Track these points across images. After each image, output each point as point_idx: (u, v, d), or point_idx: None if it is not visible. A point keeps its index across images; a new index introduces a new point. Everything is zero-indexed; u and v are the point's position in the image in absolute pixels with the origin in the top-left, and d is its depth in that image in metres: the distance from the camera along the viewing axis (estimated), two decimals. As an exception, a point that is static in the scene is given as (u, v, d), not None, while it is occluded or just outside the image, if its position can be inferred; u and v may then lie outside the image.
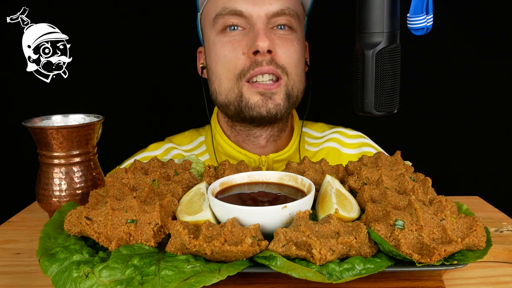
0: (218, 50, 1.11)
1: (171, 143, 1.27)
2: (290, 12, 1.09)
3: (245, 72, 1.08)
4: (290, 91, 1.11)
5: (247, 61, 1.08)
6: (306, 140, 1.29)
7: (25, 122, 0.81)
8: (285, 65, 1.09)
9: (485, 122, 1.71)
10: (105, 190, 0.79)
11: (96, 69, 1.65)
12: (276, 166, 1.18)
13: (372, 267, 0.61)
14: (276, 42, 1.08)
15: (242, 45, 1.08)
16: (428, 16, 0.75)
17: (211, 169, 0.92)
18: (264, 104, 1.09)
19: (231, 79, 1.10)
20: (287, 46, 1.10)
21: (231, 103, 1.12)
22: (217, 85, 1.13)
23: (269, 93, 1.08)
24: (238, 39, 1.09)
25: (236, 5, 1.07)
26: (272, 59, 1.07)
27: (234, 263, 0.61)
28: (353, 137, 1.29)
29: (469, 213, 0.77)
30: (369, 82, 0.79)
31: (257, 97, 1.09)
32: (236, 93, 1.10)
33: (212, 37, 1.12)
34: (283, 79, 1.10)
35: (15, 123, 1.07)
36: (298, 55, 1.12)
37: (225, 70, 1.10)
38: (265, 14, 1.07)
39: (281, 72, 1.09)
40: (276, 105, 1.09)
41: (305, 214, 0.67)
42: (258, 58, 1.07)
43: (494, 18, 1.63)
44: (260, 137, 1.18)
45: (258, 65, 1.07)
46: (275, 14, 1.08)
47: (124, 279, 0.58)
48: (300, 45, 1.13)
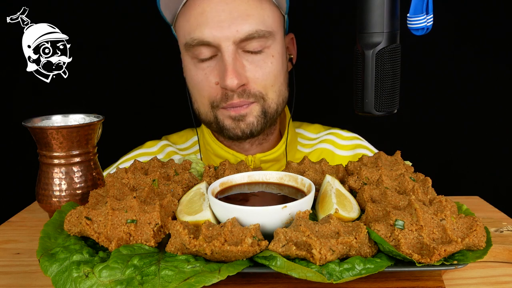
0: (193, 76, 1.12)
1: (166, 141, 1.29)
2: (260, 34, 1.04)
3: (217, 103, 1.09)
4: (267, 109, 1.11)
5: (219, 91, 1.08)
6: (299, 141, 1.29)
7: (25, 122, 0.81)
8: (260, 90, 1.08)
9: (485, 122, 1.71)
10: (105, 190, 0.79)
11: (96, 69, 1.65)
12: (263, 166, 1.18)
13: (372, 267, 0.61)
14: (247, 69, 1.06)
15: (214, 74, 1.07)
16: (428, 16, 0.75)
17: (211, 169, 0.92)
18: (237, 126, 1.10)
19: (207, 105, 1.12)
20: (261, 70, 1.07)
21: (210, 123, 1.14)
22: (196, 106, 1.16)
23: (239, 116, 1.09)
24: (211, 68, 1.08)
25: (203, 36, 1.03)
26: (244, 91, 1.07)
27: (234, 263, 0.61)
28: (347, 139, 1.28)
29: (469, 213, 0.77)
30: (369, 82, 0.79)
31: (229, 121, 1.10)
32: (212, 117, 1.12)
33: (187, 60, 1.13)
34: (257, 103, 1.09)
35: (15, 123, 1.07)
36: (274, 73, 1.09)
37: (200, 97, 1.12)
38: (232, 42, 1.03)
39: (254, 99, 1.08)
40: (248, 124, 1.10)
41: (305, 214, 0.67)
42: (229, 93, 1.06)
43: (494, 18, 1.63)
44: (245, 143, 1.18)
45: (229, 99, 1.07)
46: (244, 39, 1.04)
47: (124, 279, 0.58)
48: (275, 60, 1.09)
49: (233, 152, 1.18)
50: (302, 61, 1.29)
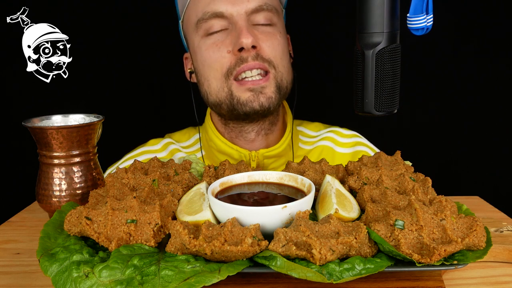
0: (203, 52, 1.12)
1: (170, 139, 1.29)
2: (269, 8, 1.11)
3: (231, 69, 1.09)
4: (280, 82, 1.13)
5: (232, 58, 1.09)
6: (300, 138, 1.30)
7: (25, 122, 0.81)
8: (271, 58, 1.11)
9: (485, 122, 1.71)
10: (105, 190, 0.79)
11: (96, 69, 1.65)
12: (266, 162, 1.19)
13: (372, 267, 0.61)
14: (259, 37, 1.10)
15: (226, 44, 1.10)
16: (428, 16, 0.75)
17: (211, 169, 0.92)
18: (256, 99, 1.10)
19: (219, 79, 1.11)
20: (270, 40, 1.11)
21: (222, 102, 1.13)
22: (207, 86, 1.15)
23: (259, 87, 1.10)
24: (221, 39, 1.10)
25: (216, 7, 1.09)
26: (258, 54, 1.09)
27: (234, 263, 0.61)
28: (348, 137, 1.29)
29: (469, 213, 0.77)
30: (369, 82, 0.79)
31: (248, 94, 1.10)
32: (226, 92, 1.11)
33: (197, 41, 1.14)
34: (271, 72, 1.11)
35: (15, 123, 1.07)
36: (282, 48, 1.14)
37: (212, 71, 1.12)
38: (244, 11, 1.09)
39: (268, 65, 1.10)
40: (268, 98, 1.10)
41: (305, 214, 0.67)
42: (243, 55, 1.08)
43: (494, 18, 1.63)
44: (252, 132, 1.18)
45: (244, 62, 1.08)
46: (254, 11, 1.10)
47: (124, 279, 0.58)
48: (282, 38, 1.15)
49: (237, 147, 1.18)
50: (302, 60, 1.29)
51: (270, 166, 1.19)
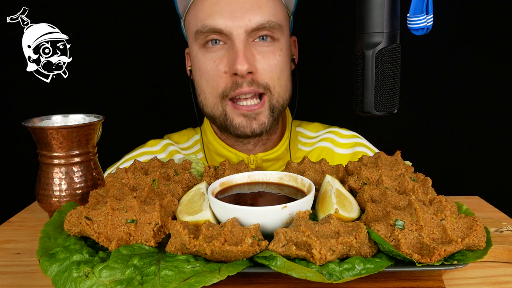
0: (201, 65, 1.11)
1: (169, 140, 1.29)
2: (271, 25, 1.08)
3: (227, 92, 1.09)
4: (275, 104, 1.12)
5: (228, 80, 1.08)
6: (300, 139, 1.29)
7: (25, 122, 0.81)
8: (267, 81, 1.09)
9: (485, 122, 1.71)
10: (105, 190, 0.79)
11: (96, 69, 1.65)
12: (265, 165, 1.19)
13: (372, 267, 0.61)
14: (256, 58, 1.08)
15: (223, 63, 1.08)
16: (428, 16, 0.75)
17: (211, 169, 0.92)
18: (248, 125, 1.10)
19: (215, 96, 1.11)
20: (268, 61, 1.09)
21: (216, 118, 1.13)
22: (203, 98, 1.14)
23: (253, 114, 1.10)
24: (220, 55, 1.08)
25: (215, 23, 1.06)
26: (253, 80, 1.07)
27: (234, 263, 0.61)
28: (347, 137, 1.29)
29: (469, 213, 0.77)
30: (369, 82, 0.79)
31: (241, 119, 1.10)
32: (221, 111, 1.11)
33: (195, 50, 1.13)
34: (266, 95, 1.10)
35: (15, 123, 1.07)
36: (281, 66, 1.11)
37: (208, 87, 1.11)
38: (244, 31, 1.06)
39: (263, 89, 1.09)
40: (260, 124, 1.11)
41: (305, 214, 0.67)
42: (239, 80, 1.07)
43: (494, 18, 1.63)
44: (248, 143, 1.19)
45: (239, 87, 1.07)
46: (255, 29, 1.07)
47: (124, 279, 0.58)
48: (283, 54, 1.12)
49: (235, 151, 1.18)
50: (301, 60, 1.29)
51: (268, 169, 1.19)
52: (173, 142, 1.30)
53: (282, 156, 1.20)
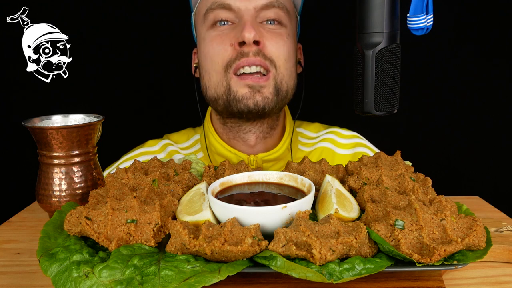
0: (207, 44, 1.11)
1: (168, 140, 1.29)
2: (279, 5, 1.09)
3: (231, 63, 1.08)
4: (279, 85, 1.11)
5: (233, 52, 1.08)
6: (300, 140, 1.29)
7: (25, 122, 0.81)
8: (273, 57, 1.09)
9: (485, 122, 1.71)
10: (105, 190, 0.79)
11: (96, 69, 1.65)
12: (265, 166, 1.18)
13: (372, 267, 0.61)
14: (264, 35, 1.08)
15: (230, 37, 1.08)
16: (428, 16, 0.75)
17: (211, 169, 0.92)
18: (252, 97, 1.08)
19: (219, 72, 1.10)
20: (275, 39, 1.09)
21: (219, 97, 1.11)
22: (207, 79, 1.13)
23: (258, 86, 1.08)
24: (226, 32, 1.09)
25: None
26: (260, 51, 1.07)
27: (234, 263, 0.61)
28: (348, 137, 1.28)
29: (469, 213, 0.77)
30: (369, 82, 0.79)
31: (245, 90, 1.08)
32: (225, 86, 1.10)
33: (203, 32, 1.13)
34: (271, 72, 1.09)
35: (15, 123, 1.07)
36: (288, 49, 1.11)
37: (213, 64, 1.10)
38: (253, 7, 1.07)
39: (269, 64, 1.08)
40: (264, 98, 1.08)
41: (305, 214, 0.67)
42: (245, 49, 1.06)
43: (494, 18, 1.63)
44: (250, 132, 1.17)
45: (245, 56, 1.06)
46: (264, 7, 1.08)
47: (124, 279, 0.58)
48: (290, 40, 1.12)
49: (236, 151, 1.17)
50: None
51: (269, 169, 1.19)
52: (173, 142, 1.29)
53: (282, 157, 1.19)
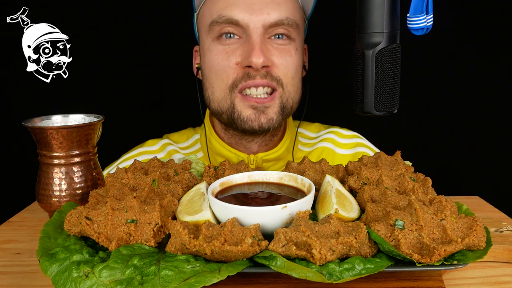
0: (212, 57, 1.08)
1: (168, 140, 1.28)
2: (289, 22, 1.06)
3: (237, 83, 1.06)
4: (285, 103, 1.10)
5: (240, 71, 1.05)
6: (300, 140, 1.29)
7: (25, 122, 0.81)
8: (281, 77, 1.07)
9: (485, 122, 1.71)
10: (105, 190, 0.79)
11: (96, 69, 1.65)
12: (265, 166, 1.18)
13: (372, 267, 0.61)
14: (272, 53, 1.06)
15: (236, 55, 1.05)
16: (428, 16, 0.75)
17: (211, 169, 0.92)
18: (257, 119, 1.07)
19: (224, 89, 1.08)
20: (284, 57, 1.07)
21: (223, 112, 1.10)
22: (210, 92, 1.11)
23: (262, 107, 1.07)
24: (233, 48, 1.06)
25: (233, 14, 1.04)
26: (267, 73, 1.05)
27: (234, 263, 0.61)
28: (348, 137, 1.28)
29: (469, 213, 0.77)
30: (369, 82, 0.79)
31: (250, 111, 1.07)
32: (229, 104, 1.08)
33: (208, 43, 1.10)
34: (277, 91, 1.08)
35: (15, 123, 1.07)
36: (296, 66, 1.10)
37: (217, 79, 1.08)
38: (262, 25, 1.04)
39: (276, 83, 1.07)
40: (269, 119, 1.07)
41: (305, 214, 0.67)
42: (252, 72, 1.04)
43: (494, 18, 1.63)
44: (252, 142, 1.17)
45: (251, 78, 1.05)
46: (273, 25, 1.05)
47: (124, 279, 0.58)
48: (298, 54, 1.10)
49: (235, 151, 1.17)
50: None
51: (269, 169, 1.19)
52: (172, 141, 1.29)
53: (282, 157, 1.19)
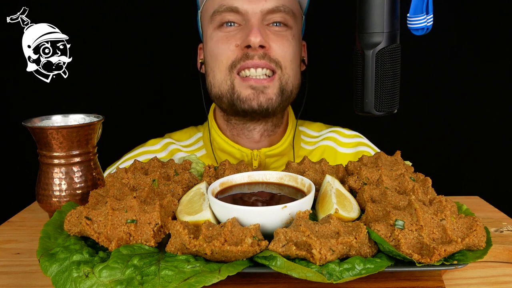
0: (213, 44, 1.13)
1: (170, 139, 1.29)
2: (285, 10, 1.11)
3: (236, 63, 1.10)
4: (284, 85, 1.12)
5: (239, 52, 1.10)
6: (302, 138, 1.30)
7: (25, 122, 0.81)
8: (279, 59, 1.11)
9: (485, 122, 1.71)
10: (105, 190, 0.79)
11: (96, 69, 1.65)
12: (268, 161, 1.18)
13: (372, 267, 0.61)
14: (270, 37, 1.10)
15: (236, 38, 1.10)
16: (428, 16, 0.75)
17: (211, 169, 0.92)
18: (256, 98, 1.10)
19: (223, 71, 1.12)
20: (281, 41, 1.11)
21: (223, 95, 1.13)
22: (211, 77, 1.15)
23: (261, 86, 1.10)
24: (232, 34, 1.11)
25: (232, 2, 1.10)
26: (265, 54, 1.09)
27: (234, 263, 0.61)
28: (349, 137, 1.29)
29: (469, 213, 0.77)
30: (369, 82, 0.79)
31: (249, 91, 1.10)
32: (228, 85, 1.12)
33: (209, 32, 1.15)
34: (277, 73, 1.11)
35: (15, 123, 1.07)
36: (294, 50, 1.13)
37: (218, 62, 1.12)
38: (260, 10, 1.09)
39: (275, 65, 1.10)
40: (268, 99, 1.10)
41: (305, 214, 0.67)
42: (250, 52, 1.08)
43: (494, 18, 1.63)
44: (254, 130, 1.19)
45: (249, 58, 1.08)
46: (270, 11, 1.10)
47: (124, 279, 0.58)
48: (295, 41, 1.14)
49: (239, 146, 1.18)
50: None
51: (272, 165, 1.19)
52: (174, 140, 1.29)
53: (285, 152, 1.20)
